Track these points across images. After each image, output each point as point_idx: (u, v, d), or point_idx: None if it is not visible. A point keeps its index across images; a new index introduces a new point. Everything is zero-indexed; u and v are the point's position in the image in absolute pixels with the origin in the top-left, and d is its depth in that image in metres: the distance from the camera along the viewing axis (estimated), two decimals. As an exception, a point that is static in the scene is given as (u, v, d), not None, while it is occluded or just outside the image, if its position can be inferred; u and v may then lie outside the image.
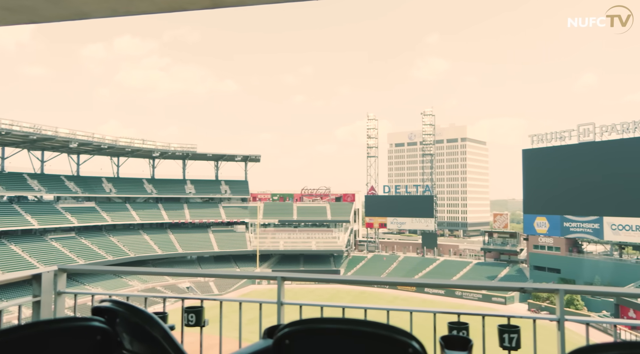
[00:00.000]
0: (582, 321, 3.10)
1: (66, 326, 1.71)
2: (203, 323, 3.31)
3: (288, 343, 1.80)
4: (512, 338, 2.98)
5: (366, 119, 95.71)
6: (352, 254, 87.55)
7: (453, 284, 3.41)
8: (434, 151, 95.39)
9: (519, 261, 74.51)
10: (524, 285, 3.16)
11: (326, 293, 63.93)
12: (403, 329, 1.67)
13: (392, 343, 1.69)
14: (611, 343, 1.42)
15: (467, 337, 2.29)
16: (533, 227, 70.71)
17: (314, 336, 1.83)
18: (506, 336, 2.99)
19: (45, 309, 3.21)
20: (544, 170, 69.40)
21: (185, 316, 3.27)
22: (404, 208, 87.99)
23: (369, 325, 1.72)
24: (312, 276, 3.44)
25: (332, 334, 1.80)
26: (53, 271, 3.42)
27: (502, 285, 3.29)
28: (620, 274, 56.98)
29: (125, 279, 64.55)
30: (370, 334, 1.73)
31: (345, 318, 1.80)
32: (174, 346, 1.85)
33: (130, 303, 1.95)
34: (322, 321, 1.88)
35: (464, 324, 3.03)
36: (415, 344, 1.65)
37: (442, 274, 73.23)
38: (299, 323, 1.83)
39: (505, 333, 3.00)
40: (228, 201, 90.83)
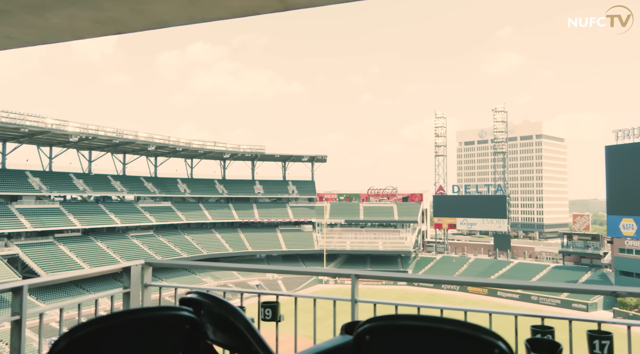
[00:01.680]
0: (621, 323, 2.83)
1: (160, 315, 1.80)
2: (279, 318, 3.39)
3: (368, 338, 1.79)
4: (604, 345, 2.77)
5: (434, 117, 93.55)
6: (420, 255, 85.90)
7: (533, 286, 3.24)
8: (506, 149, 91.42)
9: (602, 266, 69.58)
10: (616, 289, 2.93)
11: (394, 294, 63.23)
12: (488, 328, 1.61)
13: (477, 341, 1.63)
14: None
15: (555, 341, 2.16)
16: (618, 229, 65.73)
17: (395, 332, 1.81)
18: (597, 342, 2.79)
19: (134, 300, 3.44)
20: (630, 168, 64.28)
21: (262, 311, 3.36)
22: (475, 208, 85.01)
23: (453, 323, 1.67)
24: (384, 274, 3.41)
25: (414, 331, 1.76)
26: (140, 265, 3.65)
27: (589, 288, 3.08)
28: None
29: (198, 276, 67.51)
30: (454, 333, 1.68)
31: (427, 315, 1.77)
32: (256, 337, 1.90)
33: (215, 295, 2.03)
34: (404, 318, 1.85)
35: (549, 328, 2.87)
36: (502, 344, 1.58)
37: (515, 277, 69.94)
38: (380, 319, 1.82)
39: (595, 339, 2.80)
40: (295, 201, 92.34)
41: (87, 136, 64.31)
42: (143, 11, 3.17)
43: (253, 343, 1.90)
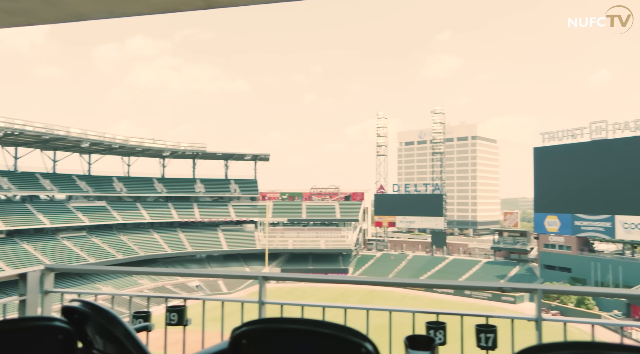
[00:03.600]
0: (559, 320, 3.10)
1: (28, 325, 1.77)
2: (186, 322, 3.37)
3: (245, 342, 1.84)
4: (489, 338, 2.99)
5: (376, 118, 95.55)
6: (361, 253, 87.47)
7: (431, 284, 3.43)
8: (443, 150, 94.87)
9: (529, 260, 73.93)
10: (502, 285, 3.17)
11: (334, 292, 63.97)
12: (358, 331, 1.71)
13: (348, 343, 1.72)
14: (563, 342, 1.42)
15: (431, 336, 2.32)
16: (544, 226, 70.12)
17: (272, 336, 1.87)
18: (483, 335, 3.00)
19: (31, 309, 3.29)
20: (555, 168, 68.74)
21: (168, 315, 3.33)
22: (414, 207, 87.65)
23: (327, 326, 1.76)
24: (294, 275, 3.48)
25: (290, 334, 1.83)
26: (40, 270, 3.50)
27: (482, 285, 3.31)
28: (631, 273, 56.31)
29: (135, 278, 65.16)
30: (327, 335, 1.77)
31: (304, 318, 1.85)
32: (136, 346, 1.90)
33: (96, 303, 2.00)
34: (280, 321, 1.91)
35: (441, 324, 3.05)
36: (368, 345, 1.69)
37: (451, 273, 72.86)
38: (256, 322, 1.87)
39: (482, 332, 3.02)
40: (237, 200, 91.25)
41: (13, 131, 60.30)
42: (57, 2, 3.04)
43: (133, 351, 1.90)
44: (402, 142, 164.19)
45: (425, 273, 74.88)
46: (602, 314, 50.00)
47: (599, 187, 62.19)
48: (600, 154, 62.97)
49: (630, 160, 59.08)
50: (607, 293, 3.28)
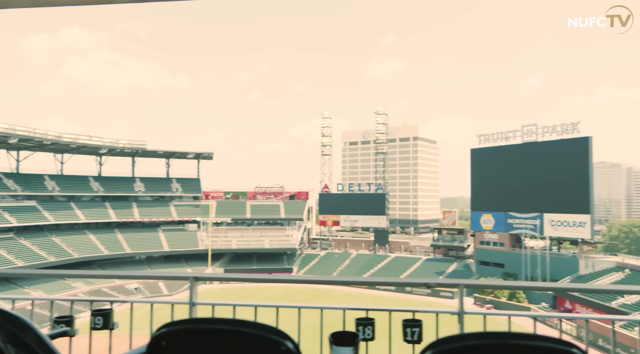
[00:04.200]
0: (478, 313, 3.28)
1: None
2: (112, 326, 3.26)
3: (164, 344, 1.81)
4: (415, 332, 3.12)
5: (321, 118, 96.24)
6: (305, 252, 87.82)
7: (361, 281, 3.53)
8: (386, 150, 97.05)
9: (466, 257, 77.11)
10: (428, 281, 3.31)
11: (279, 291, 63.84)
12: (279, 329, 1.73)
13: (267, 342, 1.74)
14: (473, 332, 1.47)
15: (355, 332, 2.38)
16: (479, 224, 73.39)
17: (192, 336, 1.85)
18: (409, 330, 3.12)
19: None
20: (490, 169, 72.14)
21: (92, 320, 3.21)
22: (357, 206, 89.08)
23: (248, 326, 1.76)
24: (229, 275, 3.45)
25: (211, 334, 1.82)
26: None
27: (409, 281, 3.45)
28: (558, 267, 60.13)
29: (68, 281, 61.94)
30: (248, 335, 1.77)
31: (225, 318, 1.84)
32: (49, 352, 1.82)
33: (5, 309, 1.90)
34: (201, 321, 1.89)
35: (370, 320, 3.14)
36: (289, 343, 1.71)
37: (392, 270, 74.71)
38: (176, 323, 1.85)
39: (408, 327, 3.13)
40: (179, 199, 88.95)
41: None
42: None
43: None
44: (347, 142, 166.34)
45: (368, 271, 76.28)
46: (532, 307, 53.04)
47: (530, 187, 65.95)
48: (530, 155, 66.78)
49: (557, 162, 63.08)
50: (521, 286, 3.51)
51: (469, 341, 1.35)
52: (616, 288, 4.00)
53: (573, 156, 61.80)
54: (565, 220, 62.43)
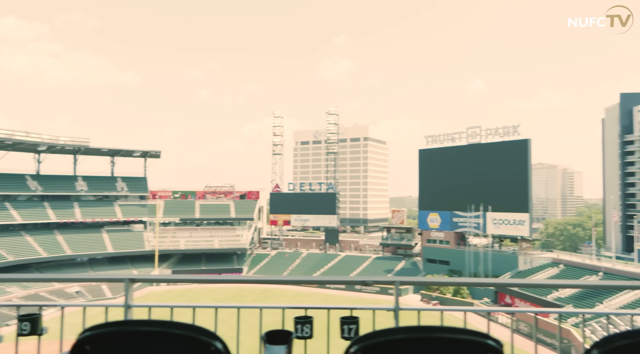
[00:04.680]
0: (413, 309, 3.41)
1: None
2: (40, 331, 3.13)
3: (89, 348, 1.77)
4: (351, 329, 3.20)
5: (272, 117, 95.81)
6: (256, 252, 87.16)
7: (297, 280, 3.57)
8: (337, 150, 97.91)
9: (413, 255, 79.08)
10: (365, 278, 3.41)
11: (228, 291, 63.03)
12: (209, 330, 1.73)
13: (197, 343, 1.74)
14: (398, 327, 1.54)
15: (288, 331, 2.42)
16: (426, 223, 75.51)
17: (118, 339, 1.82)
18: (346, 327, 3.20)
19: None
20: (437, 169, 74.40)
21: (19, 325, 3.07)
22: (308, 205, 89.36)
23: (176, 327, 1.76)
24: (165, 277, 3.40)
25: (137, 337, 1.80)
26: None
27: (347, 279, 3.52)
28: (499, 264, 62.89)
29: (2, 286, 58.42)
30: (176, 336, 1.77)
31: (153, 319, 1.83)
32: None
33: None
34: (128, 324, 1.87)
35: (308, 318, 3.20)
36: (218, 344, 1.72)
37: (343, 269, 75.53)
38: (101, 326, 1.81)
39: (345, 324, 3.21)
40: (125, 198, 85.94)
41: None
42: None
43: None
44: (298, 141, 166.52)
45: (318, 270, 76.71)
46: (475, 302, 55.15)
47: (474, 187, 68.57)
48: (474, 156, 69.45)
49: (499, 163, 65.95)
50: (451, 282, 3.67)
51: (394, 336, 1.39)
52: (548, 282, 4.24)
53: (514, 158, 64.80)
54: (506, 218, 65.35)
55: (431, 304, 56.13)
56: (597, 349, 1.34)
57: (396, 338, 1.38)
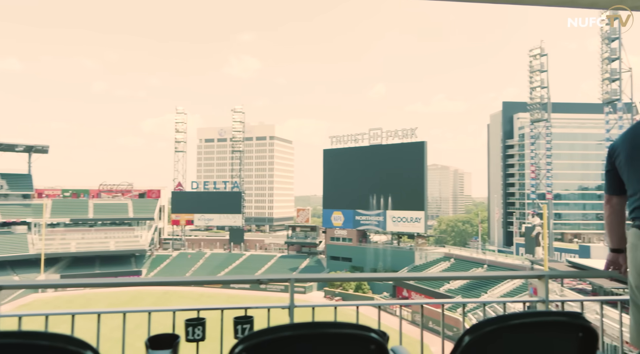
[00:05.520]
0: (308, 306, 3.46)
1: None
2: None
3: None
4: (245, 329, 3.17)
5: (175, 113, 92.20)
6: (156, 253, 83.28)
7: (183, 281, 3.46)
8: (243, 148, 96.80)
9: (318, 253, 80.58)
10: (260, 277, 3.39)
11: (125, 295, 59.51)
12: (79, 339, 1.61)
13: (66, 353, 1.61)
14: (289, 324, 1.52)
15: (174, 334, 2.34)
16: (330, 221, 77.37)
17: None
18: (240, 327, 3.16)
19: None
20: (340, 169, 76.50)
21: None
22: (212, 204, 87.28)
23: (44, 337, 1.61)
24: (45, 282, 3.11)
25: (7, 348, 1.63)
26: None
27: (242, 278, 3.48)
28: (397, 259, 66.36)
29: None
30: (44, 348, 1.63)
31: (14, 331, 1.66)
32: None
33: None
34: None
35: (201, 320, 3.11)
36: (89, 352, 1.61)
37: (247, 268, 74.84)
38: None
39: (239, 324, 3.17)
40: (5, 197, 77.56)
41: None
42: None
43: None
44: (203, 139, 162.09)
45: (222, 270, 75.28)
46: (375, 297, 57.54)
47: (375, 186, 71.55)
48: (376, 157, 72.48)
49: (398, 163, 69.44)
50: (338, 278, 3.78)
51: (280, 333, 1.40)
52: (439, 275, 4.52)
53: (411, 159, 68.62)
54: (405, 216, 69.03)
55: (334, 300, 57.63)
56: (468, 336, 1.40)
57: (282, 335, 1.41)
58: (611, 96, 56.53)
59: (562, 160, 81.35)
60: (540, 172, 65.99)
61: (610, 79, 56.21)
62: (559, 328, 1.58)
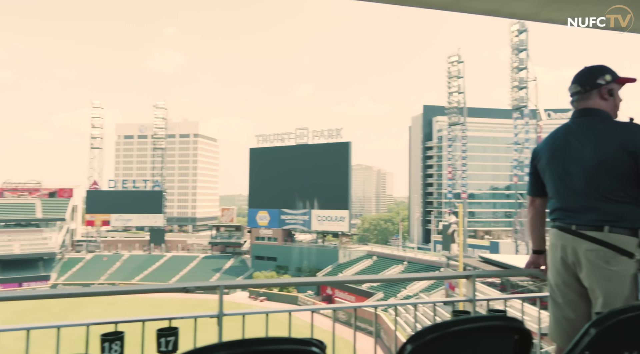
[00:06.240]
0: (239, 313, 3.30)
1: None
2: None
3: None
4: (169, 341, 2.95)
5: (91, 107, 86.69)
6: (68, 256, 77.79)
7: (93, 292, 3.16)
8: (165, 146, 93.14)
9: (242, 253, 79.50)
10: (186, 285, 3.18)
11: (32, 303, 55.09)
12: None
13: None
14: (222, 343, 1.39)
15: None
16: (256, 221, 76.67)
17: None
18: (163, 340, 2.93)
19: None
20: (267, 168, 76.03)
21: None
22: (132, 204, 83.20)
23: None
24: None
25: None
26: None
27: (166, 287, 3.24)
28: (322, 258, 67.21)
29: None
30: None
31: None
32: None
33: None
34: None
35: (119, 334, 2.84)
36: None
37: (168, 270, 72.18)
38: None
39: (162, 336, 2.94)
40: None
41: None
42: None
43: None
44: (122, 135, 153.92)
45: (141, 273, 72.00)
46: (300, 295, 57.77)
47: (301, 185, 71.90)
48: (302, 156, 72.84)
49: (323, 163, 70.26)
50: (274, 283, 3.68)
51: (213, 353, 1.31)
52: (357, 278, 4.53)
53: (337, 159, 69.73)
54: (329, 215, 70.00)
55: (259, 301, 57.17)
56: (410, 344, 1.39)
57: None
58: (519, 102, 60.96)
59: (476, 162, 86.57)
60: (456, 173, 69.72)
61: (518, 87, 60.59)
62: (497, 331, 1.59)
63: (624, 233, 2.45)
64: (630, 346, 1.90)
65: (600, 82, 2.64)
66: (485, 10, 4.16)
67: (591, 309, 2.56)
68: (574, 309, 2.65)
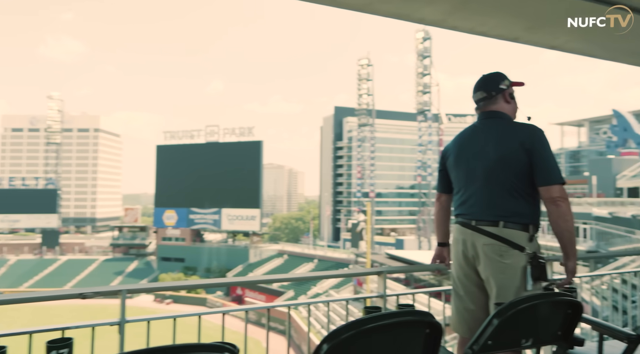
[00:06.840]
0: (143, 319, 3.08)
1: None
2: None
3: None
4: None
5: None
6: (-59, 262, 69.20)
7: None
8: (61, 140, 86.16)
9: (147, 254, 75.85)
10: (82, 290, 2.91)
11: None
12: None
13: None
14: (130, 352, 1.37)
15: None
16: (162, 221, 73.48)
17: None
18: (54, 353, 2.65)
19: None
20: (175, 166, 73.16)
21: None
22: (20, 203, 76.02)
23: None
24: None
25: None
26: None
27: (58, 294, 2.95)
28: (232, 257, 66.15)
29: None
30: None
31: None
32: None
33: None
34: None
35: (1, 349, 2.53)
36: None
37: (63, 275, 66.79)
38: None
39: (54, 349, 2.66)
40: None
41: None
42: None
43: None
44: (9, 128, 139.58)
45: (30, 279, 65.92)
46: (208, 297, 56.36)
47: (211, 184, 70.17)
48: (213, 154, 71.11)
49: (235, 161, 69.20)
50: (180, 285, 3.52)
51: None
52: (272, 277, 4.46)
53: (248, 157, 69.01)
54: (240, 214, 69.07)
55: (165, 303, 54.93)
56: (327, 344, 1.39)
57: None
58: (423, 106, 64.53)
59: (383, 162, 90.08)
60: (365, 172, 72.13)
61: (422, 91, 64.11)
62: (410, 325, 1.62)
63: (516, 228, 2.64)
64: (526, 334, 2.06)
65: (502, 87, 2.86)
66: (396, 14, 4.29)
67: (488, 300, 2.73)
68: (474, 301, 2.81)
